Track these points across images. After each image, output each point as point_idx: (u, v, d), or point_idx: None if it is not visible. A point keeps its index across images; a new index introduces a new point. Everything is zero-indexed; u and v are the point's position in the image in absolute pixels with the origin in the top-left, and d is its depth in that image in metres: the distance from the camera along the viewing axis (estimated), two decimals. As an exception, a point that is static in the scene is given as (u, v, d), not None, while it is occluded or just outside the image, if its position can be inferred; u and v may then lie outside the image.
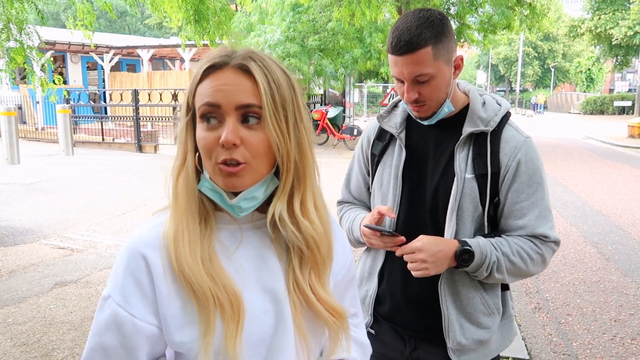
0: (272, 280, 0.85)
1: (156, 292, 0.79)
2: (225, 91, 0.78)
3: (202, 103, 0.79)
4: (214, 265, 0.80)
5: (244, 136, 0.78)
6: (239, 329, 0.78)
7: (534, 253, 1.34)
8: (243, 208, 0.82)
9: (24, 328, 3.38)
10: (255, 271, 0.84)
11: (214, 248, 0.82)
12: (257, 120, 0.79)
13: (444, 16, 1.32)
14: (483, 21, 13.34)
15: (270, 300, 0.84)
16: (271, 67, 0.81)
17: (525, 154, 1.36)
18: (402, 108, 1.48)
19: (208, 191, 0.82)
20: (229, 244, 0.84)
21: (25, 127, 15.33)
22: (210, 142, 0.78)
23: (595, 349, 3.20)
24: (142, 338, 0.79)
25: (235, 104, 0.77)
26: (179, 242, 0.79)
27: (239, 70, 0.79)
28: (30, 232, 5.56)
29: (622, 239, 5.56)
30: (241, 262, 0.84)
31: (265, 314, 0.83)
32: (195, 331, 0.78)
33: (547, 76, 51.23)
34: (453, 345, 1.39)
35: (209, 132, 0.79)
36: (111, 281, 0.81)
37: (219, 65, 0.80)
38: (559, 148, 14.52)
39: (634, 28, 27.40)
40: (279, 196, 0.83)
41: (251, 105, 0.78)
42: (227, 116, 0.78)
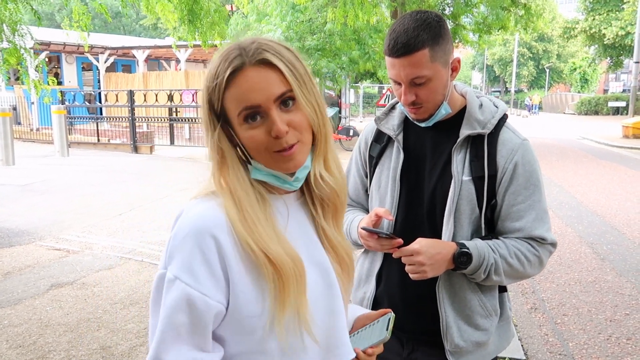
0: (318, 254, 0.94)
1: (228, 270, 0.83)
2: (259, 90, 0.83)
3: (242, 108, 0.83)
4: (281, 240, 0.87)
5: (289, 120, 0.84)
6: (306, 298, 0.87)
7: (531, 255, 1.35)
8: (300, 178, 0.91)
9: (19, 330, 3.37)
10: (303, 246, 0.92)
11: (277, 226, 0.89)
12: (293, 101, 0.85)
13: (441, 18, 1.32)
14: (478, 22, 13.39)
15: (319, 273, 0.92)
16: (280, 50, 0.86)
17: (522, 156, 1.36)
18: (400, 110, 1.48)
19: (263, 177, 0.89)
20: (279, 221, 0.90)
21: (20, 128, 15.25)
22: (261, 137, 0.84)
23: (591, 348, 3.22)
24: (212, 317, 0.84)
25: (272, 98, 0.83)
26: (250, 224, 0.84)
27: (259, 66, 0.84)
28: (25, 234, 5.54)
29: (617, 239, 5.59)
30: (294, 237, 0.91)
31: (316, 286, 0.90)
32: (261, 305, 0.84)
33: (542, 77, 51.45)
34: (451, 348, 1.39)
35: (255, 130, 0.84)
36: (175, 261, 0.83)
37: (239, 68, 0.84)
38: (554, 148, 14.58)
39: (625, 28, 27.57)
40: (315, 160, 0.92)
41: (284, 92, 0.84)
42: (269, 110, 0.83)
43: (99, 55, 16.76)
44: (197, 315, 0.82)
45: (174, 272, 0.83)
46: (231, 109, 0.85)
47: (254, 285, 0.84)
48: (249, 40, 0.86)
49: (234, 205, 0.86)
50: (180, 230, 0.85)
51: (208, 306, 0.82)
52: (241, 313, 0.85)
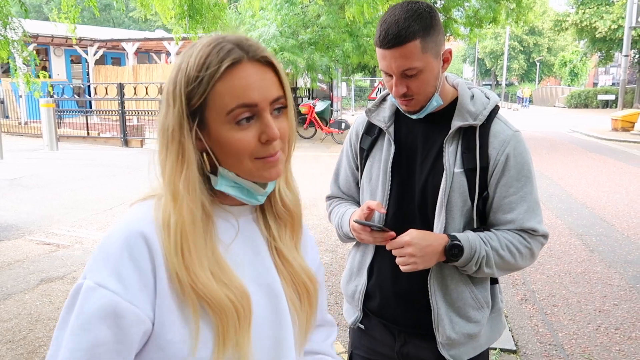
0: (267, 275, 0.84)
1: (157, 280, 0.71)
2: (258, 88, 0.76)
3: (236, 105, 0.75)
4: (221, 264, 0.77)
5: (278, 127, 0.79)
6: (250, 331, 0.76)
7: (522, 247, 1.35)
8: (267, 192, 0.84)
9: (9, 325, 3.34)
10: (250, 265, 0.83)
11: (218, 246, 0.79)
12: (283, 109, 0.81)
13: (432, 9, 1.31)
14: (469, 15, 13.39)
15: (266, 296, 0.82)
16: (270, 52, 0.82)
17: (514, 147, 1.36)
18: (391, 102, 1.47)
19: (229, 188, 0.80)
20: (225, 237, 0.81)
21: (8, 122, 15.05)
22: (248, 142, 0.76)
23: (580, 339, 3.26)
24: (140, 335, 0.71)
25: (269, 99, 0.77)
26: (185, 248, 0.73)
27: (258, 63, 0.78)
28: (14, 228, 5.48)
29: (606, 230, 5.65)
30: (239, 255, 0.82)
31: (264, 310, 0.81)
32: (186, 332, 0.72)
33: (533, 70, 51.69)
34: (443, 340, 1.39)
35: (243, 132, 0.76)
36: (100, 267, 0.70)
37: (238, 61, 0.76)
38: (544, 141, 14.68)
39: (617, 22, 27.75)
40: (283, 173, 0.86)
41: (280, 97, 0.79)
42: (263, 112, 0.77)
43: (88, 47, 16.56)
44: (124, 330, 0.68)
45: (95, 279, 0.69)
46: (218, 105, 0.75)
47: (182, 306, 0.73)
48: (241, 36, 0.79)
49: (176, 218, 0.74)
50: (112, 231, 0.74)
51: (138, 319, 0.69)
52: (165, 335, 0.71)
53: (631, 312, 3.62)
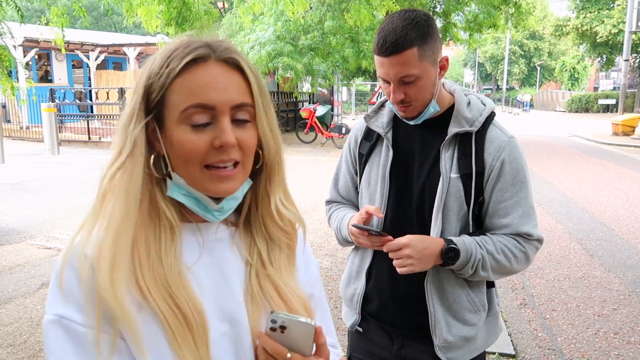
0: (231, 300, 0.77)
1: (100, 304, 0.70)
2: (219, 90, 0.70)
3: (191, 104, 0.70)
4: (182, 280, 0.72)
5: (238, 136, 0.72)
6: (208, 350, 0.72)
7: (517, 251, 1.37)
8: (225, 210, 0.77)
9: (10, 329, 3.35)
10: (213, 289, 0.76)
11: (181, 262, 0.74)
12: (249, 117, 0.74)
13: (429, 17, 1.34)
14: (469, 20, 13.44)
15: (227, 322, 0.76)
16: (248, 60, 0.76)
17: (509, 153, 1.38)
18: (389, 108, 1.50)
19: (181, 197, 0.74)
20: (188, 258, 0.75)
21: (10, 126, 15.11)
22: (201, 145, 0.71)
23: (579, 343, 3.26)
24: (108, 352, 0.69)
25: (230, 104, 0.71)
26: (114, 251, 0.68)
27: (225, 64, 0.73)
28: (15, 232, 5.50)
29: (606, 235, 5.66)
30: (201, 278, 0.75)
31: (222, 337, 0.75)
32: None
33: (533, 74, 51.78)
34: (440, 343, 1.41)
35: (197, 134, 0.71)
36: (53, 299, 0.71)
37: (202, 58, 0.71)
38: (545, 146, 14.69)
39: (618, 26, 27.83)
40: (269, 191, 0.80)
41: (245, 104, 0.73)
42: (221, 116, 0.71)
43: (89, 52, 16.64)
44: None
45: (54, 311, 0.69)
46: (175, 102, 0.71)
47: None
48: (216, 38, 0.75)
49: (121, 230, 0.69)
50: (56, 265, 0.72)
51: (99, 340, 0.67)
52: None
53: (630, 317, 3.62)
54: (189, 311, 0.70)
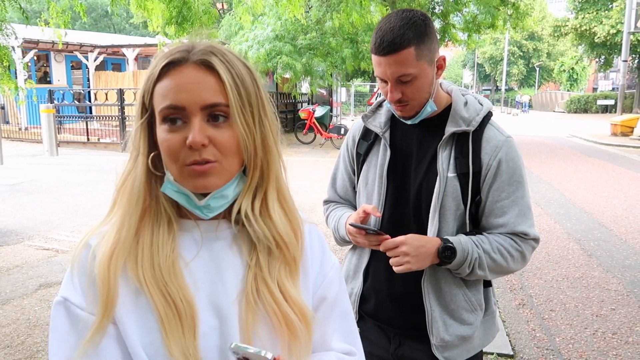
0: (224, 297, 0.79)
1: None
2: (189, 91, 0.74)
3: (164, 106, 0.74)
4: (175, 272, 0.76)
5: (212, 135, 0.74)
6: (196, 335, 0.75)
7: (514, 250, 1.37)
8: (212, 207, 0.78)
9: (7, 330, 3.35)
10: (207, 284, 0.79)
11: (177, 255, 0.78)
12: (225, 118, 0.76)
13: (426, 17, 1.34)
14: (467, 20, 13.46)
15: (217, 318, 0.78)
16: (233, 62, 0.77)
17: (506, 153, 1.38)
18: (387, 108, 1.50)
19: (173, 193, 0.78)
20: (186, 253, 0.79)
21: (9, 127, 15.10)
22: (175, 144, 0.74)
23: (577, 343, 3.26)
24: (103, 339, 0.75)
25: (200, 104, 0.74)
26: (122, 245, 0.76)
27: (201, 67, 0.75)
28: (13, 234, 5.49)
29: (604, 235, 5.66)
30: (197, 274, 0.79)
31: (212, 330, 0.78)
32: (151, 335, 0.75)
33: (532, 75, 51.85)
34: (437, 342, 1.41)
35: (173, 133, 0.75)
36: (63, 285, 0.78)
37: (178, 62, 0.75)
38: (544, 146, 14.71)
39: (616, 27, 27.89)
40: (244, 194, 0.80)
41: (217, 104, 0.74)
42: (192, 117, 0.74)
43: (88, 53, 16.63)
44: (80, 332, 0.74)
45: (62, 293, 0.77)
46: (157, 104, 0.76)
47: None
48: (206, 42, 0.79)
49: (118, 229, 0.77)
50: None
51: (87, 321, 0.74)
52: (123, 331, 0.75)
53: (628, 317, 3.63)
54: (179, 300, 0.75)
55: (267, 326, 0.79)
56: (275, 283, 0.80)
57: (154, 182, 0.79)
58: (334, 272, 0.91)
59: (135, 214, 0.77)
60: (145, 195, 0.78)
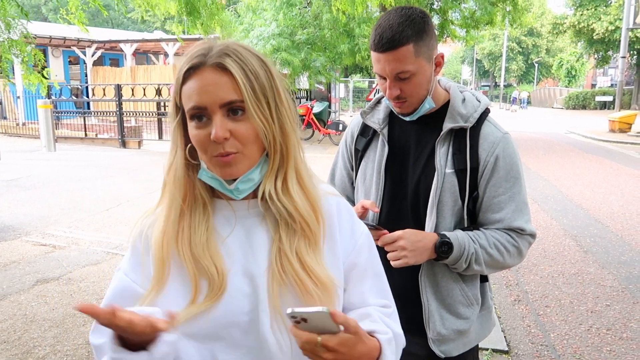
0: (255, 265, 0.90)
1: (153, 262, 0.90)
2: (208, 92, 0.83)
3: (190, 106, 0.85)
4: (210, 246, 0.89)
5: (232, 128, 0.84)
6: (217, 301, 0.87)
7: (510, 245, 1.38)
8: (241, 190, 0.90)
9: (4, 326, 3.35)
10: (242, 256, 0.91)
11: (212, 232, 0.91)
12: (242, 112, 0.85)
13: (425, 14, 1.35)
14: (466, 17, 13.43)
15: (250, 285, 0.90)
16: (247, 59, 0.86)
17: (503, 149, 1.39)
18: (385, 104, 1.51)
19: (208, 179, 0.90)
20: (222, 230, 0.91)
21: (6, 123, 15.04)
22: (202, 138, 0.85)
23: (572, 339, 3.29)
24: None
25: (219, 103, 0.83)
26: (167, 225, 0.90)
27: (217, 69, 0.85)
28: (11, 229, 5.49)
29: (601, 231, 5.69)
30: (232, 247, 0.91)
31: (244, 297, 0.89)
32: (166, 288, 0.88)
33: (531, 71, 51.85)
34: (433, 336, 1.43)
35: (200, 129, 0.85)
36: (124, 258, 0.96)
37: (198, 66, 0.85)
38: (542, 142, 14.74)
39: (614, 23, 27.89)
40: (267, 176, 0.90)
41: (233, 101, 0.84)
42: (213, 114, 0.84)
43: (86, 48, 16.57)
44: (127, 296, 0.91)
45: (120, 265, 0.95)
46: (185, 104, 0.87)
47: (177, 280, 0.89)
48: (221, 42, 0.88)
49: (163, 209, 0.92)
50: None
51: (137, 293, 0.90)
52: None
53: (623, 313, 3.65)
54: (213, 271, 0.87)
55: (291, 293, 0.89)
56: (294, 255, 0.89)
57: (191, 171, 0.91)
58: (363, 240, 1.00)
59: (178, 198, 0.90)
60: (185, 182, 0.90)
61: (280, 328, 0.89)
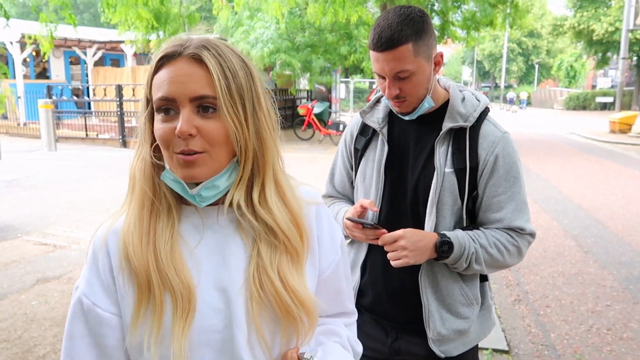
0: (228, 279, 0.83)
1: (115, 280, 0.82)
2: (179, 83, 0.77)
3: (157, 97, 0.78)
4: (174, 256, 0.81)
5: (200, 125, 0.77)
6: (188, 323, 0.79)
7: (510, 245, 1.38)
8: (204, 197, 0.81)
9: (4, 325, 3.35)
10: (213, 269, 0.83)
11: (177, 240, 0.82)
12: (214, 109, 0.78)
13: (424, 13, 1.35)
14: (466, 18, 13.43)
15: (223, 301, 0.82)
16: (227, 55, 0.80)
17: (503, 148, 1.39)
18: (384, 103, 1.51)
19: (170, 182, 0.82)
20: (190, 239, 0.83)
21: (7, 123, 15.06)
22: (166, 133, 0.78)
23: (572, 339, 3.28)
24: (106, 327, 0.82)
25: (189, 96, 0.77)
26: (131, 231, 0.82)
27: (193, 60, 0.78)
28: (11, 229, 5.49)
29: (601, 232, 5.68)
30: (200, 258, 0.83)
31: (216, 314, 0.81)
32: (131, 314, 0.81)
33: (531, 72, 51.80)
34: (433, 336, 1.42)
35: (165, 123, 0.78)
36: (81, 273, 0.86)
37: (172, 55, 0.79)
38: (542, 143, 14.73)
39: (614, 24, 27.87)
40: (236, 185, 0.83)
41: (205, 96, 0.77)
42: (182, 107, 0.77)
43: (86, 49, 16.58)
44: (91, 324, 0.83)
45: (78, 282, 0.86)
46: (153, 96, 0.80)
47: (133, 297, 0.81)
48: (201, 37, 0.82)
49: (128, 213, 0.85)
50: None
51: (99, 317, 0.82)
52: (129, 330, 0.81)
53: (623, 313, 3.65)
54: (177, 283, 0.79)
55: (270, 314, 0.83)
56: (276, 273, 0.83)
57: (155, 171, 0.83)
58: (342, 251, 0.98)
59: (147, 202, 0.82)
60: (151, 183, 0.83)
61: (259, 343, 0.82)
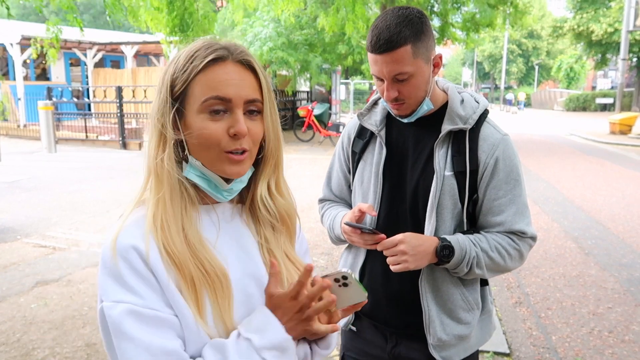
0: (256, 269, 0.90)
1: (157, 278, 0.78)
2: (234, 85, 0.83)
3: (210, 96, 0.81)
4: (205, 248, 0.84)
5: (249, 127, 0.84)
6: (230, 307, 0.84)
7: (511, 249, 1.37)
8: (234, 190, 0.89)
9: (3, 327, 3.34)
10: (236, 260, 0.89)
11: (202, 234, 0.86)
12: (258, 112, 0.86)
13: (423, 15, 1.33)
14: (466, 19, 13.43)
15: (255, 286, 0.89)
16: (259, 63, 0.88)
17: (503, 151, 1.38)
18: (382, 106, 1.49)
19: (196, 178, 0.85)
20: (209, 235, 0.87)
21: (7, 124, 15.05)
22: (217, 132, 0.82)
23: (573, 342, 3.27)
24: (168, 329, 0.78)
25: (244, 98, 0.83)
26: (163, 227, 0.81)
27: (241, 65, 0.85)
28: (11, 231, 5.48)
29: (602, 233, 5.67)
30: (223, 252, 0.88)
31: (250, 298, 0.88)
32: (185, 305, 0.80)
33: (531, 73, 51.77)
34: (434, 341, 1.41)
35: (215, 123, 0.82)
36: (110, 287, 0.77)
37: (221, 58, 0.84)
38: (542, 144, 14.71)
39: (613, 25, 27.86)
40: (263, 178, 0.92)
41: (256, 100, 0.85)
42: (236, 109, 0.83)
43: (87, 50, 16.56)
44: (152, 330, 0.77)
45: (112, 298, 0.77)
46: (196, 94, 0.82)
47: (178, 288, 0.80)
48: (232, 41, 0.88)
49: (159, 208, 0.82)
50: (103, 255, 0.80)
51: (162, 321, 0.77)
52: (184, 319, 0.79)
53: (625, 315, 3.63)
54: (213, 272, 0.82)
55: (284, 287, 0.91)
56: (282, 252, 0.94)
57: (177, 167, 0.85)
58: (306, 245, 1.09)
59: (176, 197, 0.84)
60: (177, 180, 0.84)
61: None
